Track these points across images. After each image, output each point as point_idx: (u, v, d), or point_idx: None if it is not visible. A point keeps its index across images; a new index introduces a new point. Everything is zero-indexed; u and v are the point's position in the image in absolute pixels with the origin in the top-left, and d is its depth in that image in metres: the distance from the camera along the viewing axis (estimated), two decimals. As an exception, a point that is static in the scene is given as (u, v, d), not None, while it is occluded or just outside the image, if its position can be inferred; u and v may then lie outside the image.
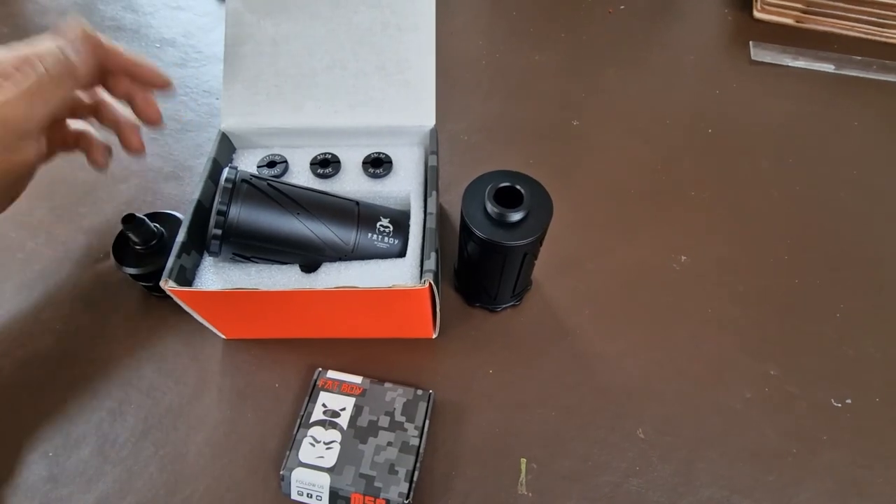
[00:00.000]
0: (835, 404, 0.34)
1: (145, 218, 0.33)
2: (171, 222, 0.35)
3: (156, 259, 0.33)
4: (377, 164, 0.36)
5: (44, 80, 0.28)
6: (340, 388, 0.32)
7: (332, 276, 0.31)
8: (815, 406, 0.34)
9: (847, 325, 0.37)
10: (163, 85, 0.33)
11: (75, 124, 0.35)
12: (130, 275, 0.34)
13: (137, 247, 0.34)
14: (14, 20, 0.57)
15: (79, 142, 0.35)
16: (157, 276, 0.33)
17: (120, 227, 0.34)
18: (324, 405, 0.31)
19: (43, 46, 0.30)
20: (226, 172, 0.29)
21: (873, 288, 0.39)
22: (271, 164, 0.36)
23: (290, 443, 0.30)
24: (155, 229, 0.34)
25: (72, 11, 0.58)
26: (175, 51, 0.55)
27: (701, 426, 0.33)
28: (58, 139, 0.34)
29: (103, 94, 0.34)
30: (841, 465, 0.32)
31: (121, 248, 0.34)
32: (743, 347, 0.36)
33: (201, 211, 0.31)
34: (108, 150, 0.36)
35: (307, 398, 0.31)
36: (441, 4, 0.35)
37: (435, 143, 0.34)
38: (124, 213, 0.32)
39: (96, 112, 0.35)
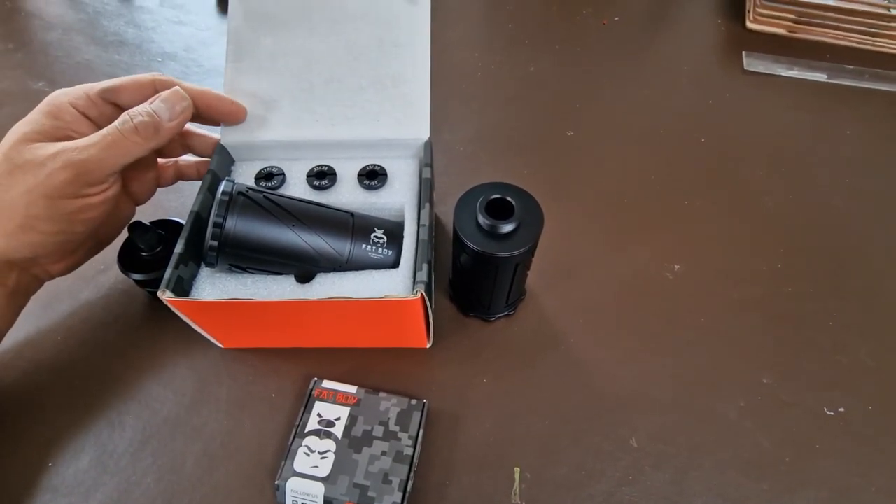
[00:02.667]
0: (828, 412, 0.34)
1: (151, 225, 0.34)
2: (175, 229, 0.36)
3: (162, 265, 0.34)
4: (372, 176, 0.36)
5: (127, 134, 0.30)
6: (335, 398, 0.32)
7: (327, 287, 0.31)
8: (808, 414, 0.34)
9: (840, 333, 0.38)
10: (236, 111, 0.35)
11: (168, 161, 0.38)
12: (137, 280, 0.34)
13: (143, 254, 0.34)
14: (19, 36, 0.58)
15: (181, 173, 0.38)
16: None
17: (122, 237, 0.35)
18: (319, 415, 0.31)
19: (138, 103, 0.32)
20: (222, 185, 0.30)
21: (867, 296, 0.40)
22: (268, 176, 0.36)
23: (285, 452, 0.30)
24: (160, 236, 0.35)
25: (76, 27, 0.59)
26: (176, 65, 0.56)
27: (694, 435, 0.33)
28: (152, 178, 0.36)
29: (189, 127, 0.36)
30: (835, 473, 0.32)
31: (127, 256, 0.35)
32: (736, 356, 0.36)
33: (199, 222, 0.31)
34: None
35: (302, 408, 0.32)
36: (436, 17, 0.36)
37: (429, 156, 0.35)
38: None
39: (188, 147, 0.37)
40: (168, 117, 0.31)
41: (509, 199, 0.30)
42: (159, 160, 0.37)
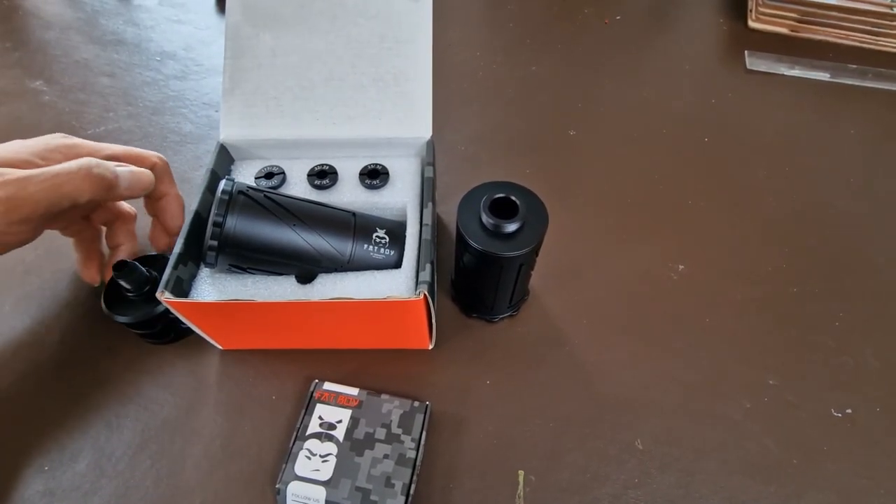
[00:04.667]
0: (835, 414, 0.34)
1: (137, 264, 0.32)
2: (162, 264, 0.31)
3: (149, 306, 0.32)
4: (374, 175, 0.36)
5: (78, 178, 0.28)
6: (337, 400, 0.32)
7: (328, 288, 0.31)
8: (815, 416, 0.34)
9: (846, 334, 0.37)
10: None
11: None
12: (125, 324, 0.32)
13: (130, 294, 0.32)
14: (17, 35, 0.57)
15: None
16: (152, 323, 0.32)
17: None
18: (320, 417, 0.31)
19: (103, 153, 0.31)
20: (222, 184, 0.29)
21: (872, 296, 0.39)
22: (269, 176, 0.36)
23: (286, 456, 0.30)
24: (148, 274, 0.32)
25: (74, 26, 0.59)
26: (175, 63, 0.55)
27: (700, 437, 0.33)
28: (85, 233, 0.35)
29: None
30: (842, 475, 0.31)
31: (112, 295, 0.33)
32: (742, 357, 0.36)
33: (199, 222, 0.31)
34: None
35: (303, 410, 0.31)
36: (438, 16, 0.36)
37: (431, 155, 0.35)
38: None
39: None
40: (125, 186, 0.30)
41: (513, 198, 0.30)
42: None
